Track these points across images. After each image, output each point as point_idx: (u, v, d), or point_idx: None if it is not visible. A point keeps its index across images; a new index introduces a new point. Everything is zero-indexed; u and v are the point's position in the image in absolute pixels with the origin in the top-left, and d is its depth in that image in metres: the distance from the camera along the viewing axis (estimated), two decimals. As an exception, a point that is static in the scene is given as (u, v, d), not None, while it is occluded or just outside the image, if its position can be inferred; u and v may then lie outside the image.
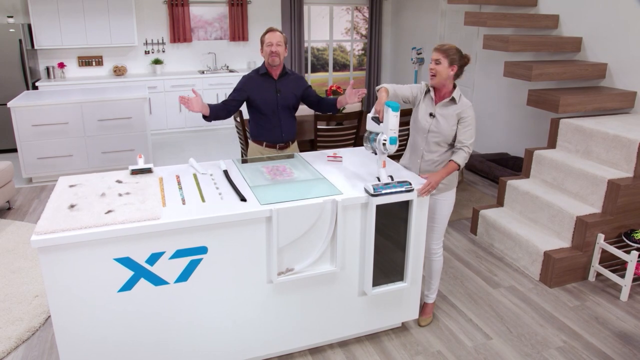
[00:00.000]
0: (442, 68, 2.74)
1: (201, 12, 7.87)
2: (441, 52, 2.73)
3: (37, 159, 5.42)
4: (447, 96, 2.83)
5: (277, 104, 3.37)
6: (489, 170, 5.67)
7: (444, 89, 2.83)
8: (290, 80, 3.42)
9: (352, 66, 9.27)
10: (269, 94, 3.34)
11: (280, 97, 3.36)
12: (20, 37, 6.35)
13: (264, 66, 3.35)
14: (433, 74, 2.77)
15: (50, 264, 2.17)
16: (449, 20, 7.27)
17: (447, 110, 2.82)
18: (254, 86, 3.33)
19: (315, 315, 2.73)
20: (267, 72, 3.33)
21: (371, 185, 2.57)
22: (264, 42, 3.25)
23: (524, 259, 3.78)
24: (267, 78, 3.35)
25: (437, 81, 2.78)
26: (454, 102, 2.81)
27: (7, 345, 2.93)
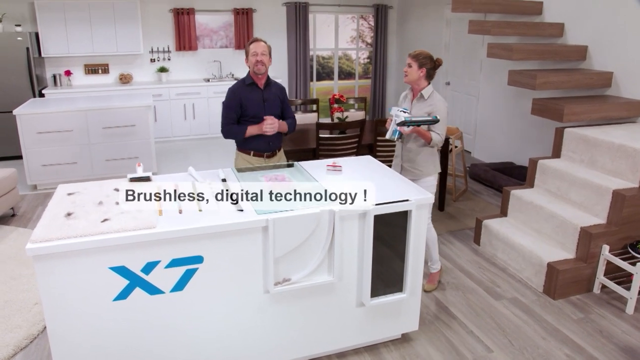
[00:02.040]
0: (412, 70, 3.33)
1: (206, 21, 7.92)
2: (412, 57, 3.33)
3: (42, 166, 5.45)
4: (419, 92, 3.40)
5: (265, 113, 3.42)
6: (493, 180, 5.62)
7: (418, 88, 3.38)
8: (274, 90, 3.50)
9: (357, 74, 9.28)
10: (257, 104, 3.40)
11: (267, 106, 3.43)
12: (27, 45, 6.41)
13: (249, 76, 3.40)
14: (405, 75, 3.37)
15: (45, 272, 2.17)
16: (454, 28, 7.25)
17: (419, 105, 3.38)
18: (242, 97, 3.38)
19: (313, 326, 2.70)
20: (254, 81, 3.39)
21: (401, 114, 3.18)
22: (249, 52, 3.32)
23: (527, 270, 3.73)
24: (253, 88, 3.40)
25: (408, 80, 3.37)
26: (423, 97, 3.35)
27: (5, 352, 2.93)
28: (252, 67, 3.32)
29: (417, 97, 3.38)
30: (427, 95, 3.34)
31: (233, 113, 3.39)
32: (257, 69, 3.31)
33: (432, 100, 3.34)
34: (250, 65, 3.34)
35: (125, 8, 7.06)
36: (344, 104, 5.23)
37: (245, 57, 3.38)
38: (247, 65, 3.37)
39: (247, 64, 3.37)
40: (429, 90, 3.35)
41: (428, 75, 3.33)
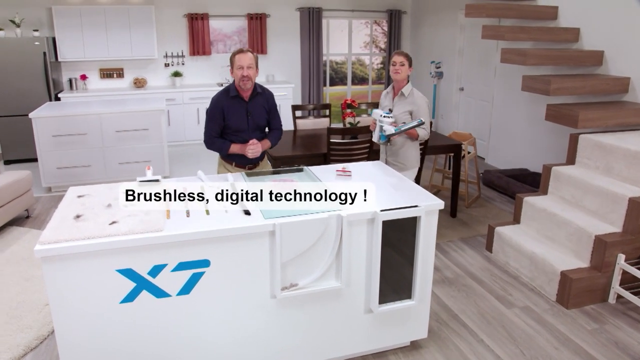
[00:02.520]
0: (404, 69, 3.52)
1: (220, 26, 7.98)
2: (404, 56, 3.53)
3: (57, 168, 5.52)
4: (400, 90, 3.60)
5: (248, 126, 3.33)
6: (507, 186, 5.55)
7: (400, 85, 3.59)
8: (260, 100, 3.36)
9: (370, 80, 9.26)
10: (240, 116, 3.29)
11: (250, 119, 3.32)
12: (44, 49, 6.52)
13: (234, 88, 3.25)
14: (399, 72, 3.52)
15: (53, 273, 2.18)
16: (468, 33, 7.21)
17: (401, 103, 3.60)
18: (224, 109, 3.26)
19: (320, 332, 2.68)
20: (238, 94, 3.27)
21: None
22: (234, 64, 3.16)
23: (540, 278, 3.66)
24: (238, 100, 3.28)
25: (399, 78, 3.53)
26: (404, 95, 3.58)
27: (16, 352, 2.95)
28: (238, 81, 3.18)
29: (398, 95, 3.61)
30: (407, 93, 3.59)
31: (216, 125, 3.28)
32: (243, 84, 3.18)
33: (413, 97, 3.58)
34: (236, 79, 3.19)
35: (140, 13, 7.14)
36: (355, 109, 5.21)
37: (230, 67, 3.24)
38: (232, 76, 3.22)
39: (232, 75, 3.21)
40: (409, 88, 3.60)
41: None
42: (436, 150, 4.78)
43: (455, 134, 5.48)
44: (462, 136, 5.37)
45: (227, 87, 3.30)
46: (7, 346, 3.00)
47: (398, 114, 3.62)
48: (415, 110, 3.59)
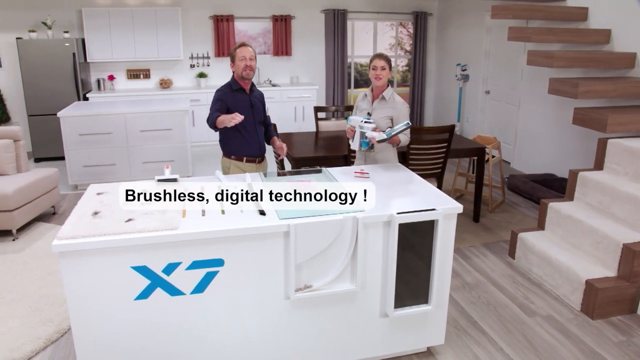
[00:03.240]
0: (386, 73, 3.36)
1: (245, 27, 8.04)
2: (386, 60, 3.35)
3: (83, 166, 5.63)
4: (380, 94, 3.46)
5: (254, 118, 3.45)
6: (532, 192, 5.41)
7: (381, 90, 3.44)
8: (258, 95, 3.55)
9: (395, 82, 9.18)
10: (246, 109, 3.40)
11: (254, 111, 3.46)
12: (74, 50, 6.68)
13: (236, 82, 3.40)
14: (380, 78, 3.35)
15: (70, 268, 2.21)
16: (494, 36, 7.08)
17: (381, 107, 3.45)
18: (230, 102, 3.37)
19: (334, 335, 2.65)
20: (241, 86, 3.41)
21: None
22: (236, 57, 3.32)
23: (564, 286, 3.55)
24: (241, 93, 3.42)
25: (383, 83, 3.38)
26: (385, 99, 3.43)
27: (37, 345, 3.01)
28: (241, 72, 3.33)
29: (378, 99, 3.46)
30: (388, 97, 3.44)
31: (215, 110, 3.35)
32: (246, 74, 3.32)
33: (394, 102, 3.44)
34: (239, 70, 3.33)
35: (167, 15, 7.25)
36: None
37: (230, 62, 3.40)
38: (233, 69, 3.38)
39: (233, 68, 3.38)
40: (389, 91, 3.46)
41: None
42: (459, 154, 4.69)
43: (480, 137, 5.38)
44: (487, 140, 5.27)
45: (229, 83, 3.43)
46: (29, 338, 3.06)
47: (378, 118, 3.43)
48: (396, 115, 3.44)
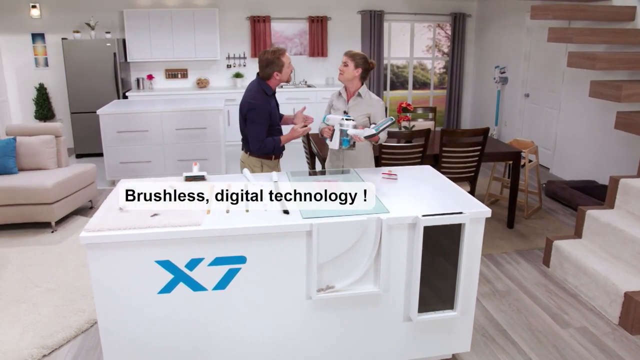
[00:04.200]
0: (348, 69, 3.33)
1: (282, 28, 8.09)
2: (349, 57, 3.33)
3: (120, 163, 5.79)
4: (355, 93, 3.42)
5: (279, 118, 3.58)
6: (571, 199, 5.21)
7: (352, 88, 3.42)
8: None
9: (432, 84, 9.05)
10: (276, 111, 3.51)
11: (279, 111, 3.59)
12: (115, 50, 6.89)
13: (268, 87, 3.38)
14: (341, 73, 3.37)
15: (96, 260, 2.26)
16: (535, 37, 6.87)
17: (356, 105, 3.41)
18: (270, 109, 3.40)
19: (356, 337, 2.61)
20: (274, 91, 3.45)
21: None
22: (285, 64, 3.33)
23: (600, 298, 3.39)
24: (272, 97, 3.47)
25: (343, 78, 3.38)
26: (360, 96, 3.40)
27: (68, 333, 3.11)
28: (288, 77, 3.40)
29: (353, 97, 3.43)
30: (364, 95, 3.41)
31: (265, 128, 3.37)
32: (290, 78, 3.44)
33: (370, 100, 3.42)
34: (285, 77, 3.38)
35: (205, 16, 7.38)
36: (411, 113, 5.09)
37: (274, 69, 3.31)
38: (277, 77, 3.34)
39: (279, 75, 3.34)
40: (364, 89, 3.43)
41: (362, 77, 3.39)
42: (493, 158, 4.57)
43: (516, 141, 5.23)
44: (523, 144, 5.11)
45: (262, 89, 3.36)
46: (61, 327, 3.16)
47: (355, 117, 3.35)
48: (373, 112, 3.40)
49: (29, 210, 4.54)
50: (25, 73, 7.47)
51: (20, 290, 3.60)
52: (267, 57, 3.29)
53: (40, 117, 7.41)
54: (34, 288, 3.63)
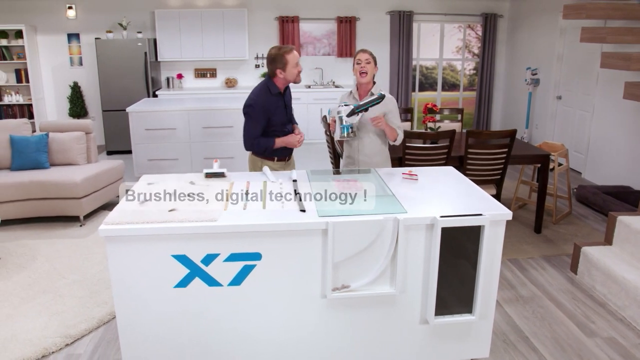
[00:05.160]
0: (371, 67, 3.26)
1: (310, 29, 8.11)
2: (370, 54, 3.26)
3: (148, 160, 5.90)
4: (367, 93, 3.33)
5: (287, 119, 3.42)
6: (603, 204, 5.04)
7: (367, 87, 3.34)
8: (289, 94, 3.48)
9: (462, 86, 8.91)
10: (281, 111, 3.35)
11: (288, 112, 3.44)
12: (145, 50, 7.03)
13: (274, 85, 3.25)
14: (365, 73, 3.25)
15: (114, 253, 2.31)
16: (569, 38, 6.67)
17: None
18: (270, 108, 3.26)
19: (371, 338, 2.58)
20: (280, 90, 3.29)
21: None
22: (290, 63, 3.17)
23: (630, 308, 3.26)
24: (278, 96, 3.31)
25: (368, 79, 3.28)
26: (374, 95, 3.19)
27: (90, 324, 3.18)
28: (295, 77, 3.25)
29: (367, 97, 3.28)
30: (377, 94, 3.22)
31: (259, 126, 3.26)
32: (299, 78, 3.28)
33: (385, 99, 3.26)
34: (292, 77, 3.23)
35: (234, 16, 7.47)
36: (437, 114, 5.02)
37: (278, 67, 3.19)
38: (281, 75, 3.21)
39: (282, 74, 3.20)
40: (377, 88, 3.34)
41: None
42: (520, 160, 4.46)
43: (546, 144, 5.09)
44: (553, 147, 4.97)
45: (266, 86, 3.27)
46: (84, 317, 3.24)
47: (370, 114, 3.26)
48: (388, 111, 3.30)
49: (58, 204, 4.67)
50: (60, 72, 7.71)
51: (48, 281, 3.71)
52: (271, 52, 3.20)
53: (74, 114, 7.63)
54: (60, 279, 3.73)
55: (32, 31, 7.41)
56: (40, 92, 7.64)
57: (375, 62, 3.30)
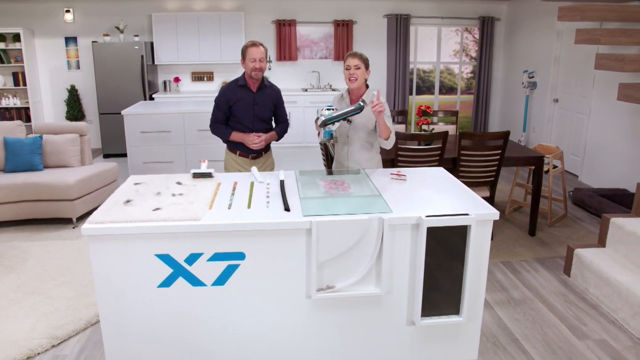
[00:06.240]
0: (361, 72, 3.10)
1: (307, 32, 8.12)
2: (359, 59, 3.09)
3: (143, 163, 5.89)
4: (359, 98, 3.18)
5: (254, 116, 3.46)
6: (599, 207, 5.01)
7: (358, 92, 3.20)
8: (267, 93, 3.49)
9: (459, 89, 8.91)
10: (247, 106, 3.43)
11: (257, 109, 3.45)
12: (142, 53, 7.05)
13: (243, 78, 3.41)
14: (355, 78, 3.10)
15: (97, 252, 2.29)
16: (565, 40, 6.67)
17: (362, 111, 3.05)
18: (232, 97, 3.41)
19: (356, 340, 2.56)
20: (246, 84, 3.40)
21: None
22: (247, 56, 3.27)
23: (623, 310, 3.23)
24: (245, 90, 3.41)
25: (358, 84, 3.12)
26: (365, 102, 3.06)
27: (78, 325, 3.16)
28: (250, 72, 3.31)
29: (347, 106, 3.10)
30: (368, 99, 3.14)
31: (221, 112, 3.45)
32: (255, 74, 3.31)
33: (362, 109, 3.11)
34: (248, 70, 3.32)
35: (231, 20, 7.48)
36: (431, 116, 5.00)
37: (241, 59, 3.34)
38: (243, 67, 3.35)
39: (243, 66, 3.34)
40: (370, 93, 3.20)
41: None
42: (514, 162, 4.44)
43: (541, 146, 5.07)
44: (548, 149, 4.95)
45: (237, 78, 3.47)
46: (72, 319, 3.22)
47: (363, 123, 3.20)
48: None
49: (51, 206, 4.66)
50: (58, 75, 7.74)
51: (38, 282, 3.69)
52: (243, 46, 3.38)
53: (71, 117, 7.64)
54: (50, 281, 3.72)
55: (30, 34, 7.44)
56: (38, 95, 7.66)
57: (367, 66, 3.15)
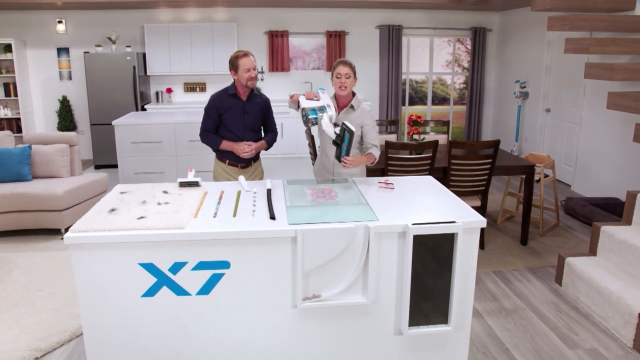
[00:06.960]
0: (350, 81, 3.15)
1: (300, 43, 8.15)
2: (349, 67, 3.14)
3: (134, 173, 5.86)
4: (347, 105, 3.23)
5: (244, 125, 3.46)
6: (591, 216, 5.00)
7: (345, 100, 3.24)
8: (257, 102, 3.51)
9: (452, 100, 8.94)
10: (236, 115, 3.44)
11: (246, 118, 3.46)
12: (134, 64, 7.05)
13: (233, 87, 3.42)
14: (345, 87, 3.14)
15: (79, 261, 2.26)
16: (556, 50, 6.71)
17: (347, 116, 3.21)
18: (222, 106, 3.42)
19: (343, 350, 2.52)
20: (236, 93, 3.41)
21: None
22: (240, 67, 3.29)
23: (614, 319, 3.21)
24: (235, 99, 3.42)
25: (346, 92, 3.17)
26: (353, 109, 3.21)
27: (62, 337, 3.12)
28: (245, 82, 3.33)
29: (345, 110, 3.24)
30: (357, 106, 3.24)
31: (211, 121, 3.45)
32: (251, 84, 3.35)
33: (362, 111, 3.24)
34: (242, 80, 3.33)
35: (223, 31, 7.51)
36: (420, 125, 5.01)
37: (232, 70, 3.34)
38: (235, 77, 3.36)
39: (236, 77, 3.35)
40: (357, 100, 3.25)
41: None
42: (505, 171, 4.44)
43: (532, 155, 5.07)
44: (539, 158, 4.96)
45: (226, 87, 3.48)
46: (57, 330, 3.17)
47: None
48: (365, 122, 3.24)
49: (40, 216, 4.62)
50: (49, 86, 7.72)
51: (23, 293, 3.64)
52: (231, 56, 3.37)
53: (63, 128, 7.61)
54: (36, 292, 3.66)
55: (22, 45, 7.44)
56: (29, 106, 7.63)
57: (355, 74, 3.21)
